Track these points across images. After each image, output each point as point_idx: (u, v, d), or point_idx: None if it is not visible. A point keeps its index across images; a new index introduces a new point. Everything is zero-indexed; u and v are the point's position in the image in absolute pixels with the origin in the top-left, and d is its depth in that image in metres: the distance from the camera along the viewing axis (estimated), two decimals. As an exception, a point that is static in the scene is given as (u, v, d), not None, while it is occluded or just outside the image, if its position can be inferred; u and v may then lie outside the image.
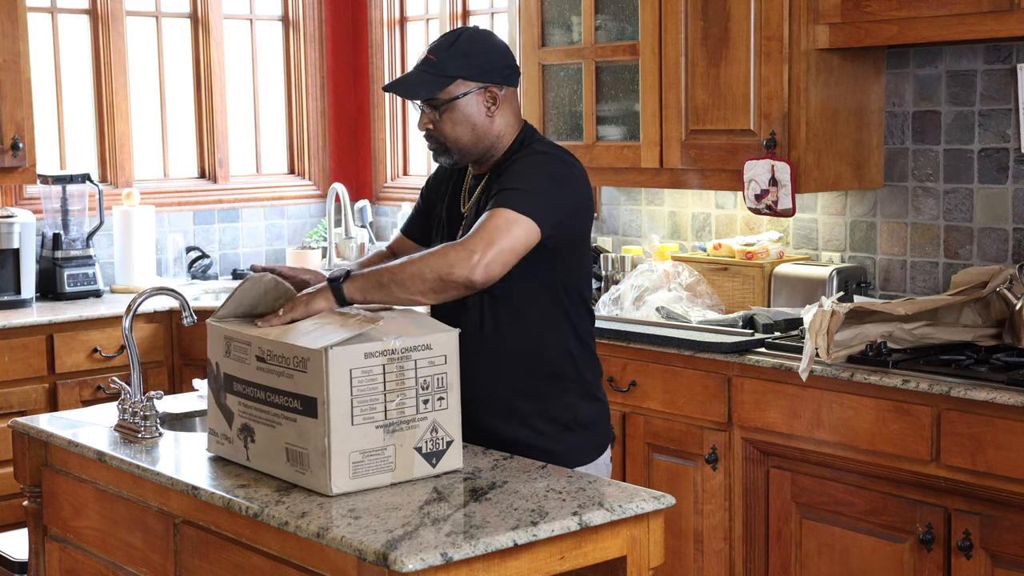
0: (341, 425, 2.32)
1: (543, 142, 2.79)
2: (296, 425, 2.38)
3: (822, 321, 3.38)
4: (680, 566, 3.86)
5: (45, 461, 2.99)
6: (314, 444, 2.34)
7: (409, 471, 2.42)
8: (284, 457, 2.42)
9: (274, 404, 2.43)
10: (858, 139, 3.98)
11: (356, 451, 2.34)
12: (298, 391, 2.36)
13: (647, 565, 2.36)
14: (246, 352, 2.49)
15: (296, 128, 6.09)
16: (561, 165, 2.71)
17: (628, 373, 3.95)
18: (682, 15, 4.09)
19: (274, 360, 2.41)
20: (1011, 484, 3.09)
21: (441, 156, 2.79)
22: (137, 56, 5.62)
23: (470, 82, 2.71)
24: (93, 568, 2.86)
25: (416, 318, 2.50)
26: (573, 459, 2.73)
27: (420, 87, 2.72)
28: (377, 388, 2.35)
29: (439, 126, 2.74)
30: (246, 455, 2.53)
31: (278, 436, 2.43)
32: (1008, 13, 3.33)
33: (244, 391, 2.50)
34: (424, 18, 5.92)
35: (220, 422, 2.59)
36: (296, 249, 5.69)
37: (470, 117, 2.72)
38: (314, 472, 2.36)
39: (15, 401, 4.59)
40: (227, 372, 2.55)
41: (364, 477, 2.36)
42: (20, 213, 4.93)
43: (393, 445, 2.39)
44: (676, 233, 4.69)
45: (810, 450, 3.51)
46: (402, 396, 2.38)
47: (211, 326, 2.59)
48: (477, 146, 2.75)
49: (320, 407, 2.32)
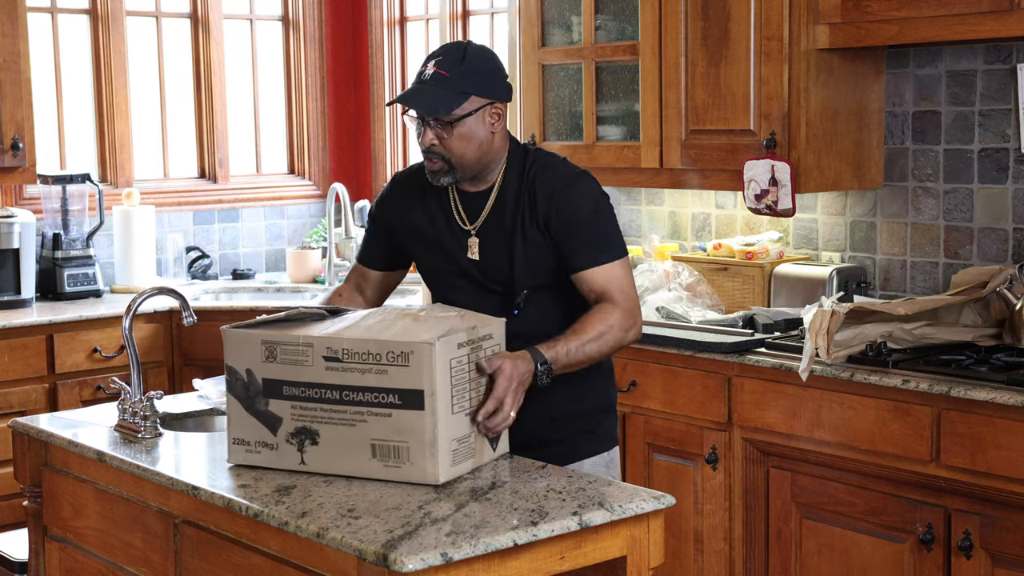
0: (444, 415, 2.37)
1: (548, 154, 2.84)
2: (390, 420, 2.39)
3: (822, 321, 3.38)
4: (680, 566, 3.86)
5: (45, 461, 2.99)
6: (417, 436, 2.37)
7: (482, 456, 2.52)
8: (368, 454, 2.42)
9: (354, 402, 2.42)
10: (858, 139, 3.98)
11: (454, 439, 2.41)
12: (395, 385, 2.38)
13: (647, 565, 2.36)
14: (306, 354, 2.46)
15: (296, 128, 6.09)
16: (593, 182, 2.80)
17: (628, 373, 3.95)
18: (682, 15, 4.09)
19: (356, 358, 2.41)
20: (1011, 484, 3.09)
21: (441, 175, 2.74)
22: (137, 56, 5.62)
23: (481, 99, 2.71)
24: (93, 568, 2.87)
25: (468, 312, 2.58)
26: (611, 441, 2.90)
27: (439, 104, 2.68)
28: (465, 377, 2.44)
29: (446, 143, 2.70)
30: (299, 459, 2.49)
31: (359, 433, 2.43)
32: (1008, 13, 3.33)
33: (303, 393, 2.47)
34: (424, 18, 5.92)
35: (255, 430, 2.54)
36: (296, 249, 5.69)
37: (477, 134, 2.72)
38: (415, 464, 2.39)
39: (15, 401, 4.59)
40: (269, 377, 2.50)
41: (458, 464, 2.44)
42: (20, 213, 4.93)
43: (474, 432, 2.48)
44: (676, 233, 4.69)
45: (810, 450, 3.51)
46: (478, 383, 2.48)
47: (238, 333, 2.54)
48: (479, 162, 2.75)
49: (428, 398, 2.35)
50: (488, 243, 2.78)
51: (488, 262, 2.78)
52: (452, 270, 2.83)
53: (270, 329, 2.53)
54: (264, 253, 5.93)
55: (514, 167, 2.78)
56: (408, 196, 2.89)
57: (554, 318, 2.76)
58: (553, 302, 2.80)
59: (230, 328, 2.57)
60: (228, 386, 2.57)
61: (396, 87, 6.01)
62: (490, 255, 2.78)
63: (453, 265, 2.83)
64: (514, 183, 2.77)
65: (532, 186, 2.75)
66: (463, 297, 2.80)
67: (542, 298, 2.78)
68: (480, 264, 2.79)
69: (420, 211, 2.86)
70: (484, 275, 2.79)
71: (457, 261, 2.82)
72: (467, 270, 2.81)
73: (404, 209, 2.89)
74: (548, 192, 2.74)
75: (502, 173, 2.79)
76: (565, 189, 2.74)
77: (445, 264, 2.84)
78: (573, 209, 2.73)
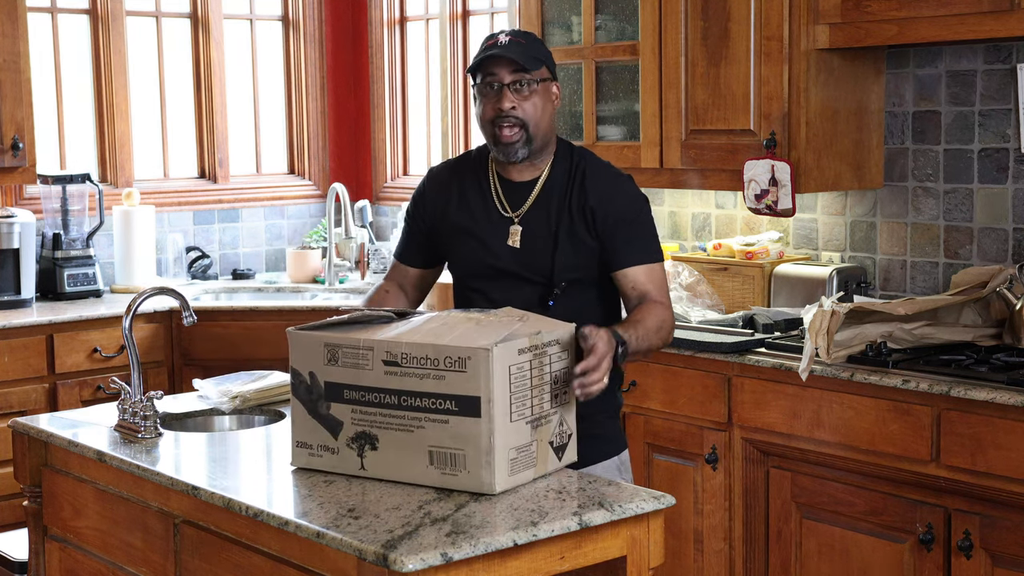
0: (501, 423, 2.33)
1: (593, 154, 2.89)
2: (447, 427, 2.35)
3: (822, 321, 3.38)
4: (680, 566, 3.86)
5: (45, 461, 2.99)
6: (474, 444, 2.33)
7: (544, 466, 2.46)
8: (426, 461, 2.39)
9: (412, 407, 2.39)
10: (858, 139, 3.98)
11: (512, 448, 2.37)
12: (453, 392, 2.34)
13: (647, 565, 2.36)
14: (366, 357, 2.44)
15: (296, 128, 6.09)
16: (636, 185, 2.89)
17: (628, 373, 3.95)
18: (682, 15, 4.09)
19: (414, 363, 2.38)
20: (1011, 484, 3.09)
21: (519, 146, 2.77)
22: (137, 56, 5.62)
23: (549, 72, 2.81)
24: (93, 568, 2.87)
25: (534, 316, 2.53)
26: (621, 444, 2.90)
27: (530, 59, 2.74)
28: (526, 384, 2.39)
29: (524, 107, 2.75)
30: (359, 464, 2.47)
31: (417, 440, 2.39)
32: (1008, 13, 3.33)
33: (363, 398, 2.45)
34: (424, 18, 5.92)
35: (317, 434, 2.52)
36: (296, 249, 5.69)
37: (547, 104, 2.80)
38: (472, 472, 2.35)
39: (15, 401, 4.59)
40: (332, 380, 2.48)
41: (517, 474, 2.39)
42: (20, 213, 4.93)
43: (536, 440, 2.43)
44: (676, 233, 4.69)
45: (810, 450, 3.51)
46: (542, 391, 2.43)
47: (302, 336, 2.52)
48: (546, 137, 2.81)
49: (484, 405, 2.31)
50: (531, 232, 2.80)
51: (529, 251, 2.80)
52: (487, 260, 2.83)
53: (334, 331, 2.51)
54: (264, 253, 5.93)
55: (562, 159, 2.85)
56: (445, 188, 2.91)
57: (588, 314, 2.75)
58: (586, 298, 2.81)
59: (295, 330, 2.54)
60: (292, 388, 2.54)
61: (396, 87, 6.01)
62: (532, 244, 2.80)
63: (489, 254, 2.83)
64: (562, 175, 2.83)
65: (582, 180, 2.81)
66: (496, 290, 2.81)
67: (577, 293, 2.80)
68: (520, 253, 2.81)
69: (458, 202, 2.88)
70: (523, 265, 2.80)
71: (494, 249, 2.82)
72: (504, 259, 2.82)
73: (442, 202, 2.90)
74: (600, 189, 2.80)
75: (550, 164, 2.84)
76: (618, 188, 2.82)
77: (481, 253, 2.84)
78: (624, 208, 2.80)
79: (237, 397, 3.11)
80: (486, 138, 2.82)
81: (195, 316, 3.03)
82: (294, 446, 2.56)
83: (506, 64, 2.74)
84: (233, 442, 2.89)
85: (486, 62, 2.75)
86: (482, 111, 2.79)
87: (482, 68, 2.77)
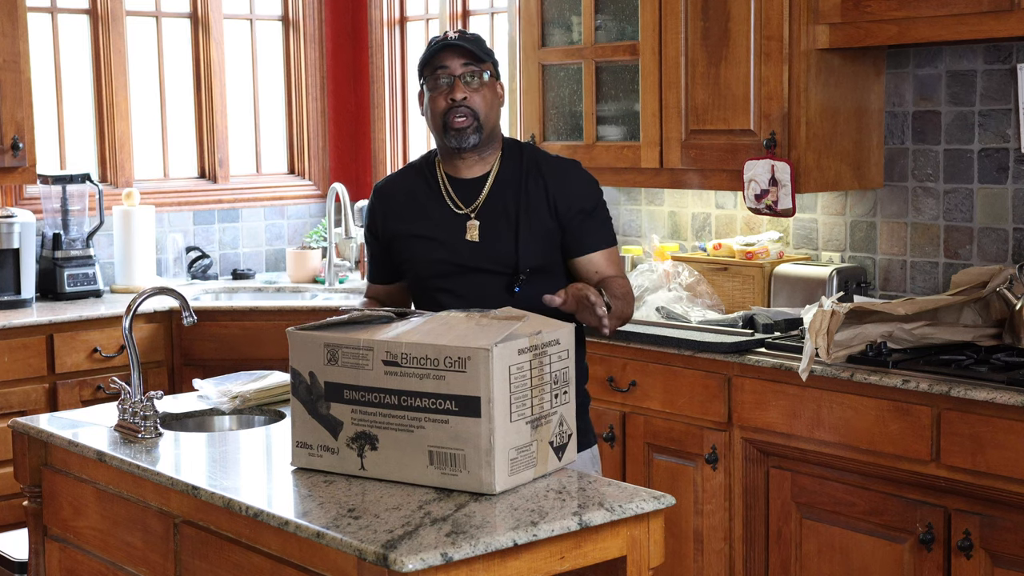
0: (501, 423, 2.33)
1: (537, 147, 3.01)
2: (447, 427, 2.35)
3: (822, 321, 3.38)
4: (680, 566, 3.86)
5: (45, 461, 2.99)
6: (474, 444, 2.33)
7: (545, 465, 2.46)
8: (425, 461, 2.39)
9: (412, 408, 2.39)
10: (858, 139, 3.98)
11: (512, 448, 2.37)
12: (452, 392, 2.34)
13: (647, 565, 2.36)
14: (366, 358, 2.44)
15: (296, 128, 6.09)
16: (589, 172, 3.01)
17: (628, 373, 3.95)
18: (682, 15, 4.09)
19: (414, 363, 2.38)
20: (1011, 484, 3.09)
21: (470, 133, 2.84)
22: (137, 56, 5.62)
23: (495, 70, 2.90)
24: (93, 568, 2.87)
25: (533, 316, 2.54)
26: (592, 437, 2.97)
27: (481, 51, 2.86)
28: (526, 384, 2.39)
29: (475, 99, 2.84)
30: (359, 464, 2.47)
31: (417, 440, 2.39)
32: (1008, 13, 3.33)
33: (363, 398, 2.45)
34: (424, 18, 5.92)
35: (317, 434, 2.52)
36: (296, 249, 5.69)
37: (495, 100, 2.90)
38: (472, 472, 2.35)
39: (15, 401, 4.59)
40: (332, 380, 2.48)
41: (517, 474, 2.39)
42: (20, 213, 4.93)
43: (536, 440, 2.43)
44: (676, 233, 4.69)
45: (810, 450, 3.51)
46: (541, 391, 2.43)
47: (302, 336, 2.52)
48: (494, 130, 2.90)
49: (484, 405, 2.31)
50: (489, 224, 2.86)
51: (490, 243, 2.85)
52: (448, 257, 2.88)
53: (334, 332, 2.51)
54: (264, 253, 5.93)
55: (511, 153, 2.93)
56: (394, 199, 2.97)
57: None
58: (548, 285, 2.84)
59: (295, 330, 2.54)
60: (292, 388, 2.54)
61: (396, 87, 6.01)
62: (492, 236, 2.86)
63: (449, 251, 2.87)
64: (514, 168, 2.90)
65: (538, 170, 2.89)
66: (459, 287, 2.86)
67: (539, 280, 2.84)
68: (481, 246, 2.85)
69: (410, 208, 2.94)
70: (485, 258, 2.85)
71: (453, 246, 2.87)
72: (464, 255, 2.86)
73: (393, 213, 2.96)
74: (558, 177, 2.89)
75: (499, 159, 2.92)
76: (575, 176, 2.93)
77: (441, 252, 2.88)
78: (584, 196, 2.91)
79: (237, 397, 3.11)
80: (435, 131, 2.89)
81: (195, 316, 3.03)
82: (294, 446, 2.56)
83: (458, 56, 2.83)
84: (233, 442, 2.89)
85: (437, 54, 2.84)
86: (433, 104, 2.86)
87: (432, 62, 2.85)
